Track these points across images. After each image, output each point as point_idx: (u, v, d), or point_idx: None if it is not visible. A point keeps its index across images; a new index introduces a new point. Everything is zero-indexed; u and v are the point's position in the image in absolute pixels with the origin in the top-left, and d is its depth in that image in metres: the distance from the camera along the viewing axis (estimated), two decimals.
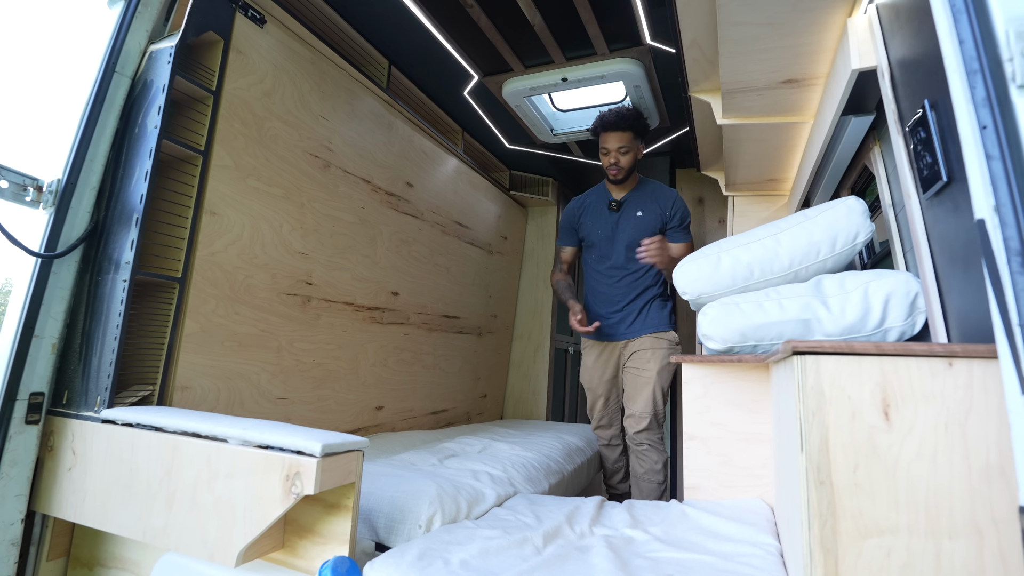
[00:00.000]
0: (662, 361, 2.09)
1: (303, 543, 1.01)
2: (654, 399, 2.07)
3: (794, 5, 1.10)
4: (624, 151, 2.08)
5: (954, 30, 0.62)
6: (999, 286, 0.57)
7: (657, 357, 2.09)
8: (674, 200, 2.15)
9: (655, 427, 2.09)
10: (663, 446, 2.12)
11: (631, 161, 2.11)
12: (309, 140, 1.73)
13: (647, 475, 2.08)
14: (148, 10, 1.35)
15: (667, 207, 2.13)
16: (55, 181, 1.23)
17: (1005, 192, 0.56)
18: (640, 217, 2.14)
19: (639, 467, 2.10)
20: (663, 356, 2.09)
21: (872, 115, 1.30)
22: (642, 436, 2.09)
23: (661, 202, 2.14)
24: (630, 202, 2.17)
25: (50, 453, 1.19)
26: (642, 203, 2.15)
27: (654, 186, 2.21)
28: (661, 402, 2.09)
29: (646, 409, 2.08)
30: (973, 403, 0.67)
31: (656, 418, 2.09)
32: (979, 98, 0.59)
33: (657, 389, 2.08)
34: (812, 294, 1.22)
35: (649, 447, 2.09)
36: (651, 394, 2.07)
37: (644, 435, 2.08)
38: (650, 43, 1.97)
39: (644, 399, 2.08)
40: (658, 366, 2.08)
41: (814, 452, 0.71)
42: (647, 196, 2.17)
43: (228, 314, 1.45)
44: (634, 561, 1.01)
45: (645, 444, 2.08)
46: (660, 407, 2.09)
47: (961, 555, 0.65)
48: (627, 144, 2.08)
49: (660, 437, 2.12)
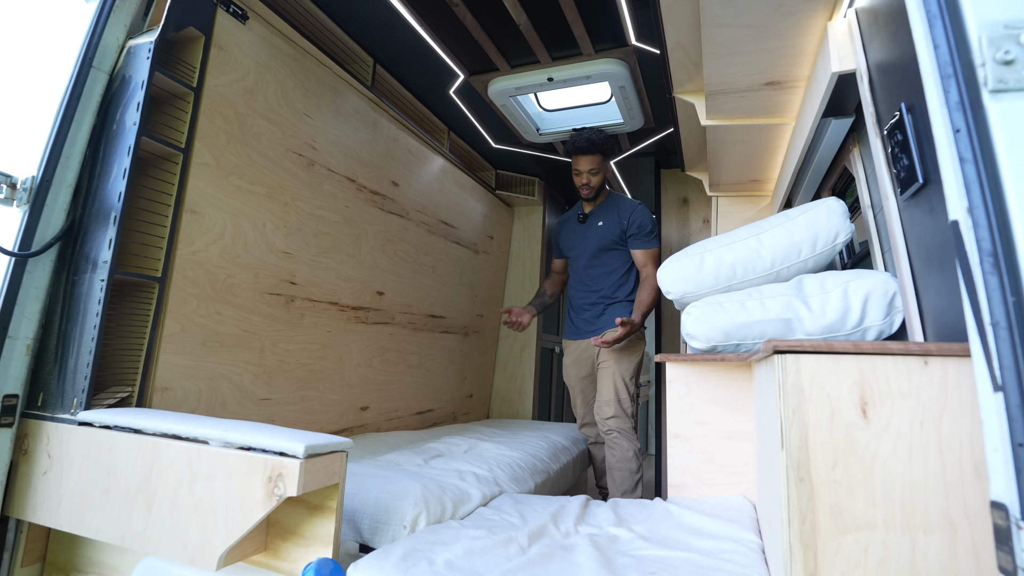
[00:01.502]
0: (620, 352, 2.20)
1: (286, 545, 1.00)
2: (615, 386, 2.17)
3: (776, 8, 1.12)
4: (594, 172, 2.28)
5: (929, 35, 0.63)
6: (972, 286, 0.58)
7: (616, 350, 2.20)
8: (633, 210, 2.30)
9: (622, 415, 2.17)
10: (634, 436, 2.18)
11: (600, 181, 2.32)
12: (293, 138, 1.71)
13: (619, 464, 2.14)
14: (126, 4, 1.33)
15: (625, 216, 2.28)
16: (30, 178, 1.21)
17: (978, 194, 0.57)
18: (601, 227, 2.32)
19: (611, 457, 2.17)
20: (624, 346, 2.19)
21: (852, 117, 1.33)
22: (610, 423, 2.16)
23: (621, 212, 2.31)
24: (595, 214, 2.37)
25: (24, 456, 1.16)
26: (605, 215, 2.34)
27: (619, 200, 2.38)
28: (624, 390, 2.17)
29: (608, 395, 2.17)
30: (948, 400, 0.68)
31: (620, 405, 2.16)
32: (952, 102, 0.60)
33: (617, 377, 2.18)
34: (793, 294, 1.24)
35: (619, 435, 2.15)
36: (611, 382, 2.17)
37: (612, 422, 2.15)
38: (635, 44, 1.98)
39: (606, 387, 2.19)
40: (616, 355, 2.19)
41: (794, 449, 0.72)
42: (611, 208, 2.35)
43: (210, 314, 1.43)
44: (618, 559, 1.02)
45: (614, 432, 2.15)
46: (624, 395, 2.17)
47: (936, 549, 0.66)
48: (596, 166, 2.27)
49: (631, 427, 2.18)
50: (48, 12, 1.37)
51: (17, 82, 1.35)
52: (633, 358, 2.23)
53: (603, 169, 2.30)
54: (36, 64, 1.34)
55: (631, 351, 2.23)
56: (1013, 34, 0.58)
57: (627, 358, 2.21)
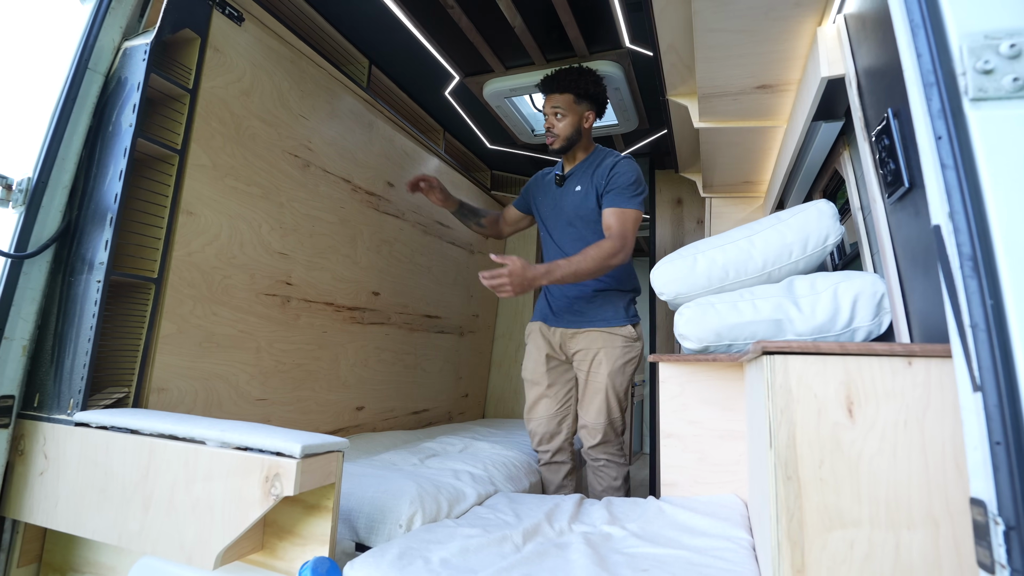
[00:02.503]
0: (615, 362, 1.78)
1: (283, 544, 1.01)
2: (608, 407, 1.78)
3: (767, 13, 1.13)
4: (560, 115, 1.79)
5: (912, 44, 0.65)
6: (953, 289, 0.60)
7: (610, 358, 1.78)
8: (614, 164, 1.78)
9: (612, 438, 1.82)
10: (623, 458, 1.86)
11: (570, 128, 1.80)
12: (288, 139, 1.72)
13: (606, 493, 1.83)
14: (122, 6, 1.33)
15: (604, 175, 1.78)
16: (25, 180, 1.21)
17: (958, 200, 0.59)
18: (578, 192, 1.83)
19: (597, 484, 1.85)
20: (616, 356, 1.78)
21: (842, 121, 1.34)
22: (598, 451, 1.82)
23: (601, 170, 1.80)
24: (574, 177, 1.87)
25: (21, 457, 1.16)
26: (584, 175, 1.83)
27: (603, 155, 1.86)
28: (617, 409, 1.80)
29: (598, 420, 1.79)
30: (931, 400, 0.70)
31: (612, 428, 1.81)
32: (935, 110, 0.62)
33: (611, 395, 1.78)
34: (784, 295, 1.26)
35: (607, 462, 1.82)
36: (603, 402, 1.78)
37: (600, 450, 1.82)
38: (629, 46, 2.00)
39: (596, 408, 1.79)
40: (610, 368, 1.78)
41: (782, 448, 0.73)
42: (592, 167, 1.83)
43: (206, 315, 1.43)
44: (611, 557, 1.03)
45: (602, 459, 1.82)
46: (617, 415, 1.80)
47: (919, 545, 0.68)
48: (564, 107, 1.79)
49: (619, 449, 1.85)
50: (44, 13, 1.37)
51: (13, 83, 1.35)
52: (628, 367, 1.81)
53: (573, 113, 1.79)
54: (32, 66, 1.34)
55: (626, 356, 1.81)
56: (992, 44, 0.60)
57: (623, 369, 1.79)
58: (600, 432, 1.79)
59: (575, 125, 1.81)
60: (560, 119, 1.80)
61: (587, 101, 1.82)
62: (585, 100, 1.81)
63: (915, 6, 0.65)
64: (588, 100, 1.82)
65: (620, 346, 1.79)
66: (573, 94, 1.79)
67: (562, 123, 1.80)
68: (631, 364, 1.82)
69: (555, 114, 1.80)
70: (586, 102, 1.82)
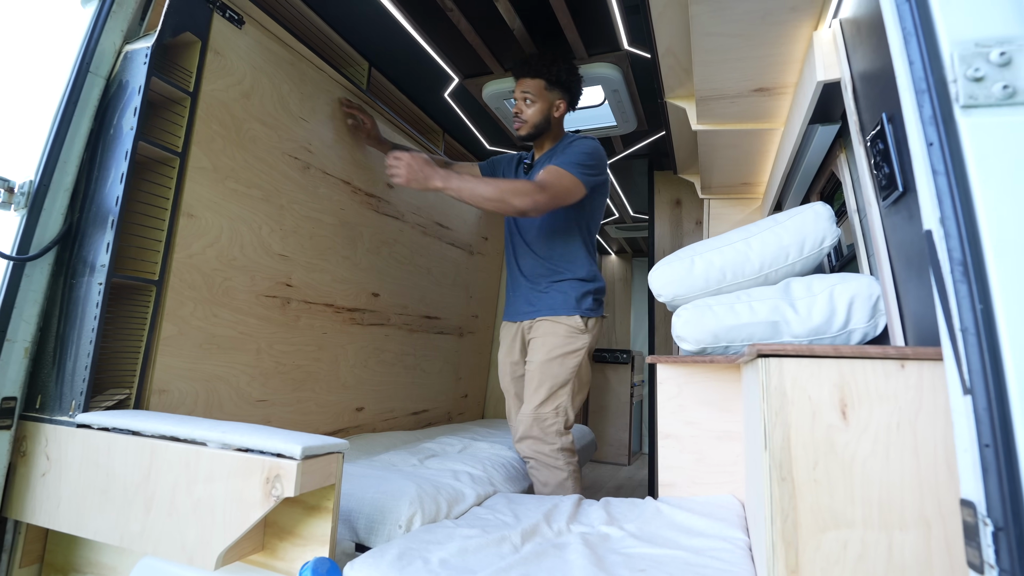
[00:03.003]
0: (552, 351, 1.67)
1: (283, 545, 1.02)
2: (537, 397, 1.66)
3: (763, 17, 1.14)
4: (529, 101, 1.73)
5: (904, 51, 0.66)
6: (944, 293, 0.60)
7: (546, 345, 1.68)
8: (575, 140, 1.73)
9: (539, 434, 1.65)
10: (564, 462, 1.65)
11: (539, 115, 1.73)
12: (288, 142, 1.73)
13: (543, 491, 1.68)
14: (123, 10, 1.34)
15: (562, 149, 1.73)
16: (27, 182, 1.22)
17: (949, 206, 0.60)
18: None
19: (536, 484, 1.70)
20: (555, 344, 1.67)
21: (838, 124, 1.35)
22: (525, 448, 1.67)
23: (561, 146, 1.76)
24: (540, 164, 1.78)
25: (23, 458, 1.17)
26: (548, 160, 1.74)
27: (574, 138, 1.78)
28: (550, 402, 1.65)
29: (526, 410, 1.68)
30: (923, 403, 0.71)
31: (540, 423, 1.64)
32: (926, 116, 0.63)
33: (542, 384, 1.65)
34: (781, 296, 1.27)
35: (536, 463, 1.66)
36: (533, 391, 1.67)
37: (527, 446, 1.67)
38: (628, 48, 2.00)
39: (526, 397, 1.69)
40: (545, 355, 1.67)
41: (777, 450, 0.74)
42: (558, 151, 1.75)
43: (206, 316, 1.44)
44: (609, 557, 1.04)
45: (531, 459, 1.67)
46: (548, 409, 1.64)
47: (911, 546, 0.69)
48: (534, 93, 1.72)
49: (558, 451, 1.64)
50: (45, 17, 1.38)
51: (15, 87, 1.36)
52: (569, 359, 1.66)
53: (544, 100, 1.72)
54: (34, 69, 1.35)
55: (566, 346, 1.66)
56: (983, 52, 0.61)
57: (562, 360, 1.66)
58: (524, 423, 1.67)
59: (544, 113, 1.75)
60: (529, 105, 1.74)
61: (559, 89, 1.75)
62: (557, 88, 1.74)
63: (907, 13, 0.66)
64: (560, 88, 1.75)
65: (562, 334, 1.69)
66: (544, 80, 1.73)
67: (531, 109, 1.74)
68: (573, 356, 1.68)
69: (524, 99, 1.74)
70: (558, 90, 1.75)
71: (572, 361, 1.69)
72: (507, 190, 1.54)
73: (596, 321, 1.77)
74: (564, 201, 1.61)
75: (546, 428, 1.66)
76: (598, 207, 1.83)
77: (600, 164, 1.69)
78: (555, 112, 1.77)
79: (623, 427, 4.92)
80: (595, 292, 1.78)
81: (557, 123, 1.81)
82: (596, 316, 1.76)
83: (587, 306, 1.75)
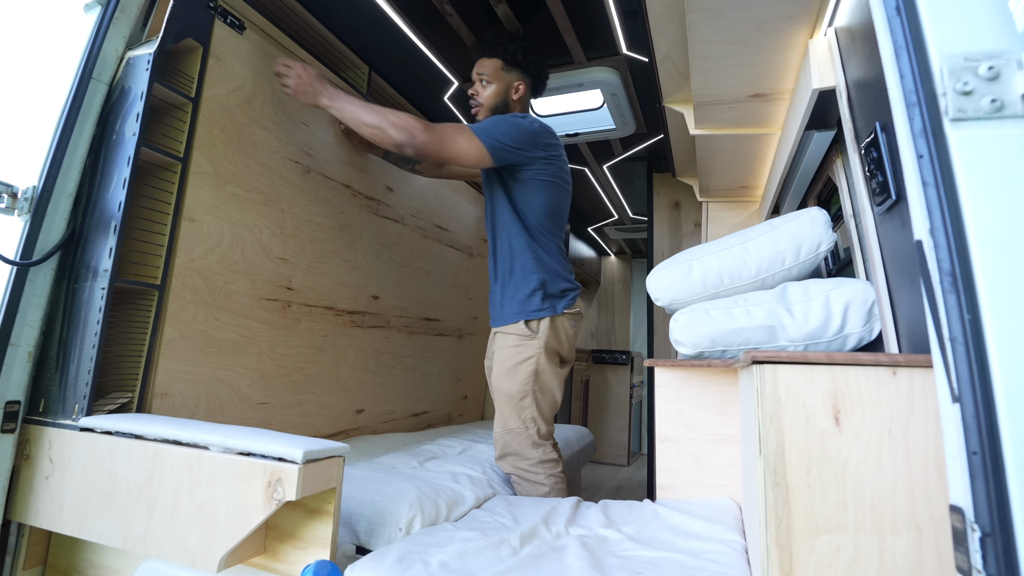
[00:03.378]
0: (503, 364, 1.63)
1: (284, 548, 1.03)
2: (502, 415, 1.63)
3: (759, 26, 1.15)
4: (485, 82, 1.66)
5: (896, 64, 0.67)
6: (933, 302, 0.62)
7: (498, 360, 1.65)
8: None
9: (515, 450, 1.61)
10: (545, 475, 1.61)
11: (495, 98, 1.66)
12: (289, 146, 1.74)
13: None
14: (125, 16, 1.35)
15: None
16: (31, 188, 1.23)
17: (938, 217, 0.61)
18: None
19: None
20: (504, 357, 1.63)
21: (834, 130, 1.37)
22: (504, 465, 1.64)
23: None
24: None
25: (26, 462, 1.18)
26: None
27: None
28: (514, 418, 1.61)
29: (496, 431, 1.66)
30: (914, 409, 0.72)
31: (513, 438, 1.60)
32: (916, 129, 0.64)
33: (504, 402, 1.62)
34: (777, 301, 1.28)
35: (518, 479, 1.62)
36: (497, 408, 1.65)
37: (506, 463, 1.64)
38: (626, 53, 2.02)
39: (496, 416, 1.67)
40: (497, 371, 1.64)
41: (771, 455, 0.76)
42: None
43: (208, 320, 1.45)
44: (607, 560, 1.05)
45: (513, 475, 1.63)
46: (515, 424, 1.60)
47: (902, 550, 0.70)
48: (489, 74, 1.66)
49: (537, 462, 1.60)
50: (48, 23, 1.39)
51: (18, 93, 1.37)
52: (521, 368, 1.60)
53: (501, 81, 1.66)
54: (37, 75, 1.36)
55: (516, 356, 1.61)
56: (972, 66, 0.62)
57: (512, 373, 1.61)
58: (499, 444, 1.64)
59: (501, 95, 1.67)
60: (485, 86, 1.67)
61: (517, 70, 1.67)
62: (515, 68, 1.67)
63: (898, 28, 0.67)
64: (519, 69, 1.67)
65: (510, 346, 1.63)
66: (501, 59, 1.66)
67: (487, 91, 1.66)
68: (525, 365, 1.60)
69: (480, 80, 1.67)
70: (516, 71, 1.67)
71: (524, 370, 1.60)
72: (390, 119, 1.45)
73: (550, 321, 1.63)
74: (453, 156, 1.51)
75: (520, 442, 1.62)
76: (544, 195, 1.65)
77: (528, 142, 1.57)
78: (513, 94, 1.69)
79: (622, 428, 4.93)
80: (544, 288, 1.65)
81: (518, 106, 1.72)
82: (546, 316, 1.63)
83: (534, 307, 1.64)
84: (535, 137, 1.59)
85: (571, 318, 1.69)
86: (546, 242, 1.67)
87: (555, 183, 1.67)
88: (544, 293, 1.65)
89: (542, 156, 1.60)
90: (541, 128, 1.62)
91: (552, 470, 1.62)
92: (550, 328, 1.62)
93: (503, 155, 1.54)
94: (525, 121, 1.59)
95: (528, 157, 1.58)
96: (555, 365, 1.65)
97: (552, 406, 1.66)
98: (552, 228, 1.69)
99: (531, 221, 1.65)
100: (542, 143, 1.60)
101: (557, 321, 1.64)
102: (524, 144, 1.56)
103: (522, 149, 1.56)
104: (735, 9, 1.09)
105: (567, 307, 1.67)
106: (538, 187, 1.64)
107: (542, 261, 1.66)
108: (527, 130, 1.57)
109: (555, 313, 1.64)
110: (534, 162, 1.59)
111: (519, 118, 1.59)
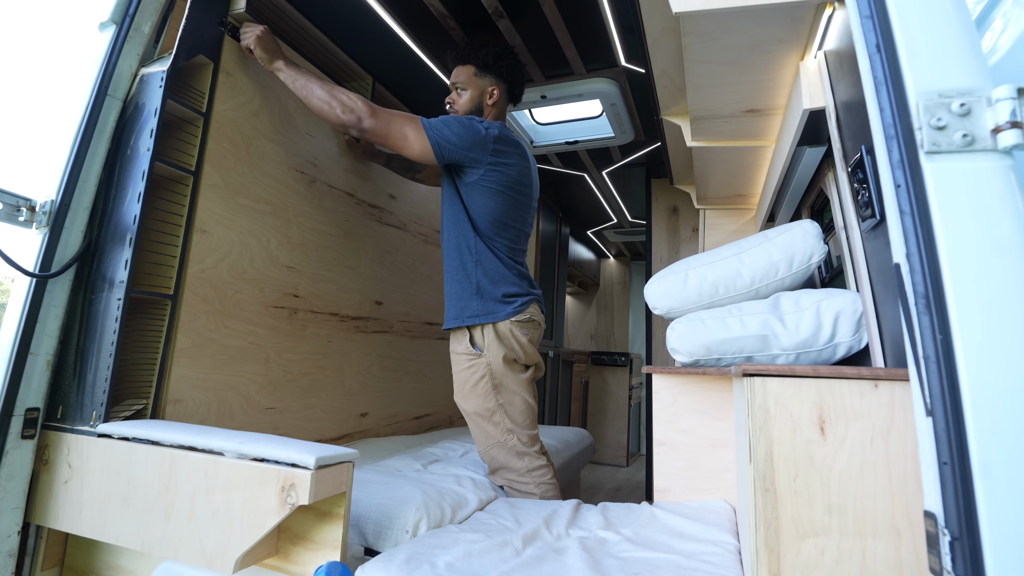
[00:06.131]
0: (461, 386, 1.62)
1: (296, 550, 1.08)
2: (482, 431, 1.62)
3: (752, 48, 1.20)
4: (460, 90, 1.68)
5: (876, 98, 0.71)
6: (910, 322, 0.66)
7: (456, 380, 1.64)
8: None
9: (502, 463, 1.61)
10: (535, 484, 1.61)
11: (469, 104, 1.68)
12: (295, 157, 1.78)
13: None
14: (139, 34, 1.39)
15: None
16: (48, 202, 1.27)
17: (914, 243, 0.65)
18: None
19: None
20: (460, 380, 1.62)
21: (825, 146, 1.41)
22: (496, 479, 1.65)
23: None
24: None
25: (45, 467, 1.23)
26: None
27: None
28: (493, 434, 1.59)
29: (480, 448, 1.65)
30: (894, 420, 0.77)
31: (495, 451, 1.60)
32: (895, 160, 0.68)
33: (475, 422, 1.61)
34: (770, 311, 1.32)
35: (511, 490, 1.63)
36: (473, 429, 1.63)
37: (497, 476, 1.64)
38: (625, 65, 2.06)
39: (474, 436, 1.65)
40: (458, 392, 1.63)
41: (760, 462, 0.80)
42: None
43: (218, 328, 1.49)
44: (606, 561, 1.10)
45: (505, 487, 1.64)
46: (496, 439, 1.59)
47: (883, 552, 0.75)
48: (463, 81, 1.67)
49: (526, 471, 1.61)
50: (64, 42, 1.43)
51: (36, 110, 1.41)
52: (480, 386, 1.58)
53: (475, 87, 1.67)
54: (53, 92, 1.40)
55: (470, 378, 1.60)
56: (945, 102, 0.66)
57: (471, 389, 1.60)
58: (487, 460, 1.65)
59: (475, 100, 1.68)
60: (460, 94, 1.68)
61: (491, 75, 1.68)
62: (488, 73, 1.68)
63: (878, 64, 0.71)
64: (492, 74, 1.68)
65: (463, 368, 1.61)
66: (473, 65, 1.67)
67: (462, 98, 1.68)
68: (482, 384, 1.58)
69: (455, 88, 1.69)
70: (489, 75, 1.68)
71: (483, 388, 1.58)
72: (339, 99, 1.45)
73: (494, 332, 1.57)
74: (397, 145, 1.51)
75: (505, 455, 1.61)
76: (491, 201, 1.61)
77: (475, 145, 1.54)
78: (488, 100, 1.69)
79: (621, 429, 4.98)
80: (480, 291, 1.59)
81: (493, 112, 1.71)
82: (484, 322, 1.57)
83: (470, 312, 1.59)
84: (484, 142, 1.55)
85: (521, 326, 1.61)
86: (495, 244, 1.62)
87: (503, 192, 1.61)
88: (481, 297, 1.59)
89: (490, 162, 1.57)
90: (498, 135, 1.58)
91: (541, 478, 1.61)
92: (496, 340, 1.58)
93: (446, 153, 1.52)
94: (479, 124, 1.56)
95: (472, 159, 1.55)
96: (516, 372, 1.61)
97: (525, 412, 1.62)
98: (500, 233, 1.64)
99: (478, 223, 1.62)
100: (492, 149, 1.56)
101: (501, 330, 1.58)
102: (469, 146, 1.53)
103: (466, 150, 1.53)
104: (728, 33, 1.13)
105: (513, 314, 1.59)
106: (483, 192, 1.60)
107: (483, 263, 1.61)
108: (476, 132, 1.54)
109: (496, 320, 1.57)
110: (479, 166, 1.56)
111: (475, 121, 1.57)
